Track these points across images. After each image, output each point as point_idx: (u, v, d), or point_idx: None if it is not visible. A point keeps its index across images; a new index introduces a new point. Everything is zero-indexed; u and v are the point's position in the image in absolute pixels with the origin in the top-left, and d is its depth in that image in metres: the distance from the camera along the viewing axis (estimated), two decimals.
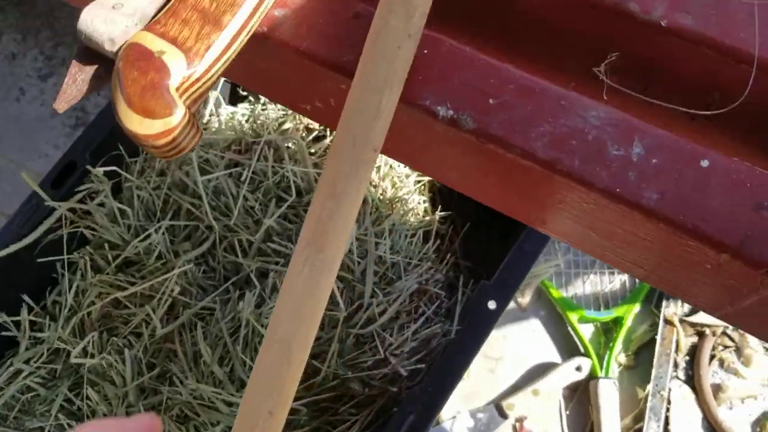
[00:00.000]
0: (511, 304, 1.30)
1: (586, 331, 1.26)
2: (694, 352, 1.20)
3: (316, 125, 1.14)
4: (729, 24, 0.39)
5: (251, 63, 0.48)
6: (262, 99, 1.19)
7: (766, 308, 0.39)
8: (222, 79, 1.13)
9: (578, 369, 1.20)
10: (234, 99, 1.24)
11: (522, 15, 0.45)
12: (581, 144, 0.39)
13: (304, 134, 1.14)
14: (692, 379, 1.19)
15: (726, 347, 1.20)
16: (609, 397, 1.16)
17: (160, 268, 1.09)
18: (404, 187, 1.09)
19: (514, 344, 1.27)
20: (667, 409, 1.16)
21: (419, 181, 1.12)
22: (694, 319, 1.21)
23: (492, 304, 0.86)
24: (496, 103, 0.40)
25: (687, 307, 1.23)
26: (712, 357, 1.19)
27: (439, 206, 1.09)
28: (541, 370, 1.24)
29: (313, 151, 1.11)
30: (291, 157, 1.09)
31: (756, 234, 0.35)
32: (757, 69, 0.38)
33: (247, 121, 1.17)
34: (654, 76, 0.44)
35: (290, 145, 1.10)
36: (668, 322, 1.21)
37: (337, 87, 0.44)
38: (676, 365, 1.20)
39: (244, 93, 1.22)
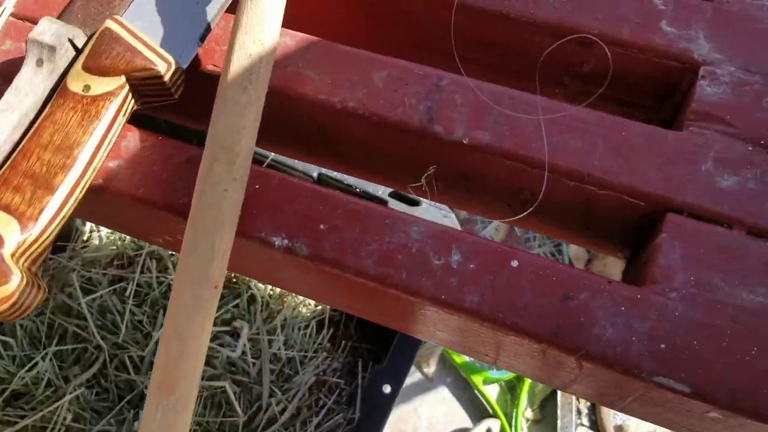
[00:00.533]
0: (418, 375, 1.32)
1: (492, 392, 1.29)
2: None
3: None
4: (521, 137, 0.44)
5: (94, 209, 0.50)
6: None
7: (606, 393, 0.43)
8: None
9: (488, 431, 1.23)
10: None
11: (347, 140, 0.49)
12: (407, 257, 0.42)
13: None
14: (596, 424, 1.24)
15: None
16: None
17: (51, 396, 1.05)
18: None
19: (426, 415, 1.29)
20: None
21: None
22: None
23: (387, 388, 0.87)
24: (327, 228, 0.43)
25: None
26: None
27: None
28: None
29: None
30: (175, 265, 1.09)
31: (566, 323, 0.39)
32: (549, 172, 0.43)
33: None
34: (471, 181, 0.48)
35: (173, 252, 1.10)
36: None
37: (177, 226, 0.46)
38: (579, 412, 1.25)
39: None
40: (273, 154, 0.96)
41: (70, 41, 0.47)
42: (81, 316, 1.06)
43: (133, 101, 0.47)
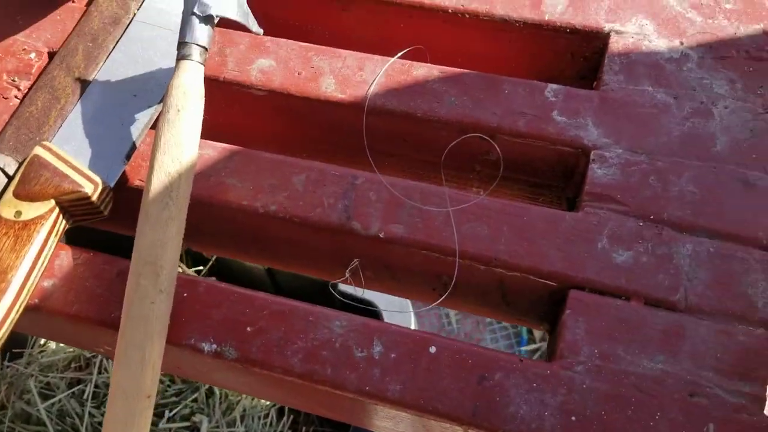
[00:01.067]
0: None
1: None
2: None
3: None
4: (432, 228, 0.47)
5: (34, 325, 0.51)
6: None
7: None
8: None
9: None
10: None
11: (275, 240, 0.52)
12: (331, 353, 0.44)
13: None
14: None
15: None
16: None
17: None
18: None
19: None
20: None
21: None
22: None
23: None
24: (254, 330, 0.45)
25: None
26: None
27: None
28: None
29: None
30: None
31: (483, 403, 0.42)
32: (460, 258, 0.46)
33: None
34: (394, 270, 0.51)
35: None
36: None
37: (113, 338, 0.48)
38: None
39: None
40: None
41: (1, 170, 0.49)
42: (40, 423, 1.05)
43: (64, 221, 0.49)
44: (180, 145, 0.46)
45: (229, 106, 0.57)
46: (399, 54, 0.54)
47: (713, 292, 0.43)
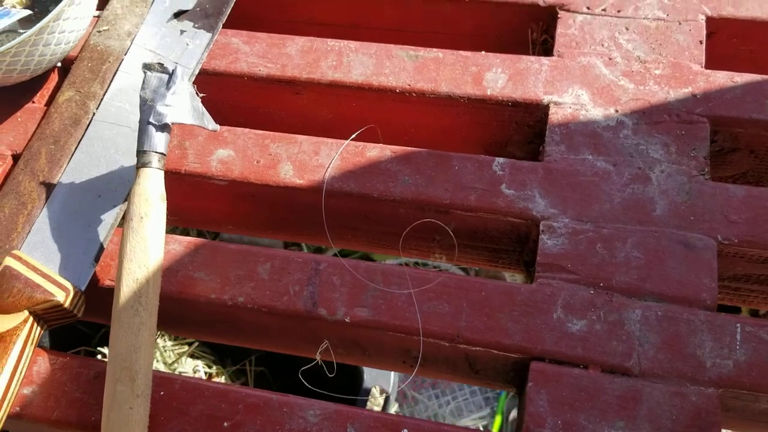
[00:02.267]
0: None
1: None
2: None
3: None
4: (396, 310, 0.47)
5: (19, 429, 0.51)
6: None
7: None
8: None
9: None
10: None
11: (246, 327, 0.52)
12: None
13: None
14: None
15: None
16: None
17: None
18: None
19: None
20: None
21: None
22: None
23: None
24: (230, 424, 0.46)
25: None
26: None
27: None
28: None
29: None
30: None
31: None
32: (424, 337, 0.47)
33: None
34: (364, 347, 0.52)
35: None
36: None
37: None
38: None
39: None
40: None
41: None
42: None
43: (38, 328, 0.49)
44: (146, 251, 0.47)
45: (192, 195, 0.58)
46: (352, 137, 0.55)
47: (664, 356, 0.44)
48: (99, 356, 1.11)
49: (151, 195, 0.48)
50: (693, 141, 0.50)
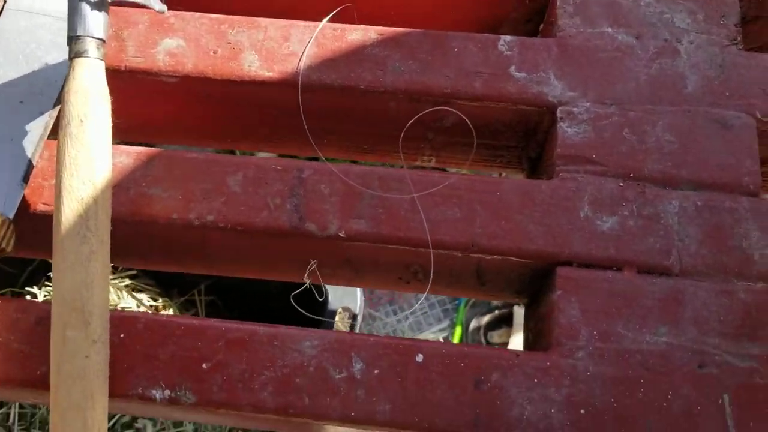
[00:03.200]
0: None
1: None
2: None
3: None
4: (398, 219, 0.40)
5: None
6: None
7: None
8: None
9: None
10: None
11: (216, 251, 0.44)
12: (305, 379, 0.37)
13: None
14: None
15: None
16: None
17: None
18: None
19: None
20: None
21: None
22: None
23: None
24: (210, 365, 0.38)
25: None
26: None
27: None
28: None
29: None
30: None
31: (483, 411, 0.36)
32: (434, 248, 0.40)
33: None
34: (357, 264, 0.44)
35: None
36: None
37: (45, 397, 0.39)
38: None
39: None
40: None
41: None
42: None
43: None
44: (90, 162, 0.37)
45: (137, 100, 0.47)
46: (327, 17, 0.45)
47: (707, 250, 0.38)
48: (28, 298, 0.99)
49: (91, 91, 0.38)
50: (721, 6, 0.43)
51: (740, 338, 0.36)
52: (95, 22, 0.37)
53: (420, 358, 0.37)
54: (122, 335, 0.38)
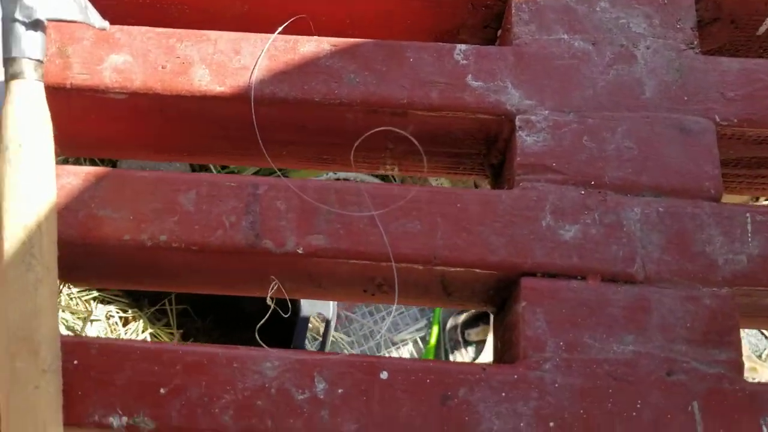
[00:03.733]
0: None
1: None
2: None
3: None
4: (357, 234, 0.38)
5: None
6: None
7: None
8: None
9: None
10: None
11: (172, 271, 0.42)
12: (267, 401, 0.36)
13: None
14: None
15: None
16: None
17: None
18: None
19: None
20: None
21: None
22: None
23: None
24: (168, 390, 0.36)
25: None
26: None
27: None
28: None
29: None
30: None
31: (451, 428, 0.35)
32: (396, 262, 0.38)
33: None
34: (320, 278, 0.43)
35: None
36: None
37: None
38: None
39: None
40: None
41: None
42: None
43: None
44: (31, 187, 0.35)
45: (85, 117, 0.45)
46: (279, 29, 0.44)
47: (671, 256, 0.38)
48: None
49: (28, 115, 0.36)
50: (677, 10, 0.43)
51: (707, 344, 0.36)
52: (31, 42, 0.35)
53: (384, 375, 0.36)
54: (75, 362, 0.36)
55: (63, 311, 1.00)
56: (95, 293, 1.05)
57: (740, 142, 0.42)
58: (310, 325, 0.96)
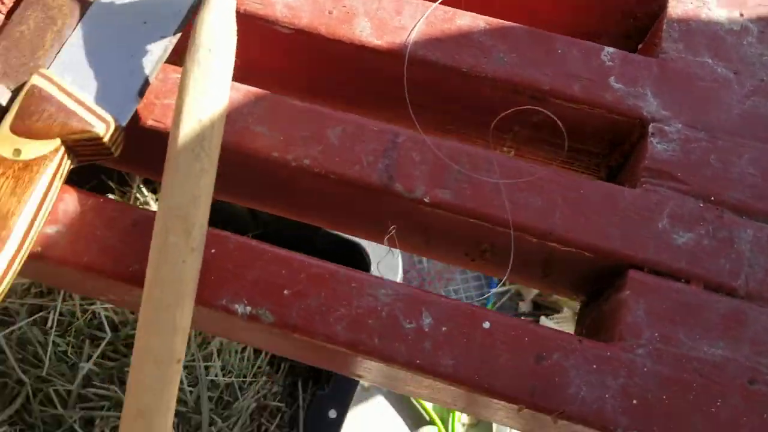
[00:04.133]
0: None
1: None
2: None
3: None
4: (482, 196, 0.41)
5: (38, 275, 0.43)
6: None
7: None
8: None
9: None
10: None
11: (304, 194, 0.45)
12: (377, 322, 0.38)
13: None
14: None
15: None
16: None
17: None
18: None
19: (362, 424, 1.25)
20: None
21: None
22: None
23: (333, 413, 0.84)
24: (291, 293, 0.39)
25: None
26: None
27: None
28: None
29: None
30: None
31: (541, 384, 0.37)
32: (514, 230, 0.41)
33: None
34: (431, 233, 0.45)
35: None
36: None
37: (128, 291, 0.41)
38: None
39: None
40: None
41: None
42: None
43: (69, 162, 0.41)
44: (212, 88, 0.38)
45: (250, 43, 0.49)
46: (439, 0, 0.47)
47: None
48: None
49: (222, 26, 0.39)
50: None
51: None
52: None
53: (487, 324, 0.39)
54: (213, 250, 0.40)
55: None
56: None
57: None
58: None
